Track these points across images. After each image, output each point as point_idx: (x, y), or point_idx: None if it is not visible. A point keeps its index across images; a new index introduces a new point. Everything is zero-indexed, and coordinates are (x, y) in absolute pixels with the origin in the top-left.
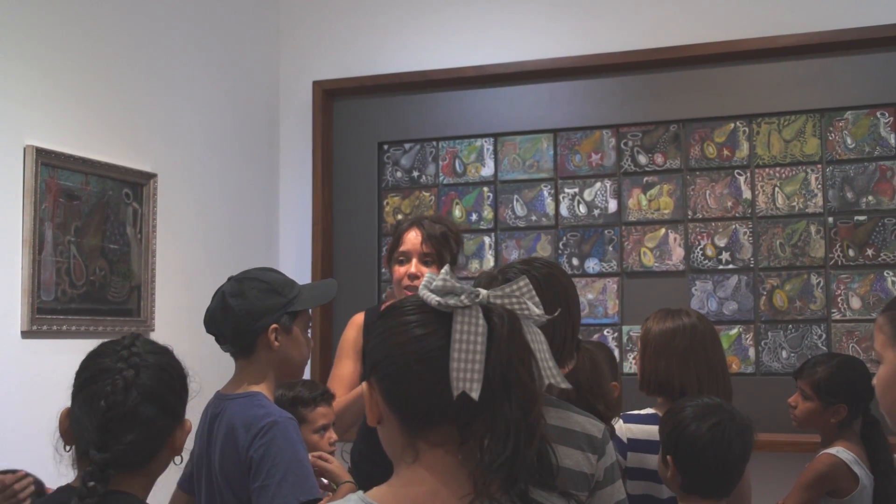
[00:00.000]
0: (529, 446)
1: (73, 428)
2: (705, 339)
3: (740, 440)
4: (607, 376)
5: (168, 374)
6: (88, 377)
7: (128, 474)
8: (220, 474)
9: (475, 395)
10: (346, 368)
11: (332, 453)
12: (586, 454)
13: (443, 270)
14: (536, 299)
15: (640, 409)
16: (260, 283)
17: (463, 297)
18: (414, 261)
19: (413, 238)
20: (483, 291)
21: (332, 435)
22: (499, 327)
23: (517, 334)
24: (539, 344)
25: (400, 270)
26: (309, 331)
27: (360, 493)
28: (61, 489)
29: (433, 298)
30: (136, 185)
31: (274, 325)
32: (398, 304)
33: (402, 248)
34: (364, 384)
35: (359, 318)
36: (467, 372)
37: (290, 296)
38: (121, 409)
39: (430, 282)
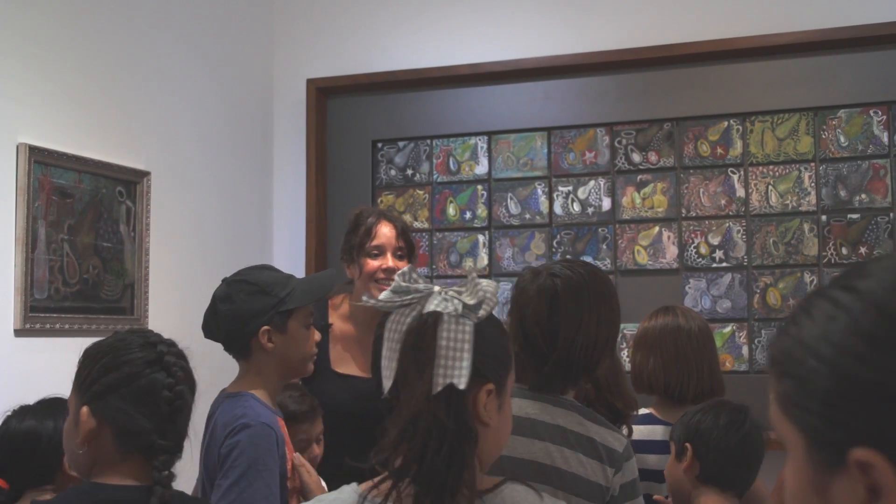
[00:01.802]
0: (410, 444)
1: (115, 423)
2: (691, 337)
3: (758, 433)
4: (625, 375)
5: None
6: (132, 372)
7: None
8: (204, 470)
9: (385, 390)
10: None
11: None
12: (604, 466)
13: (402, 269)
14: (482, 294)
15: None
16: (249, 285)
17: (408, 295)
18: (388, 255)
19: (387, 232)
20: (436, 288)
21: (314, 450)
22: (412, 325)
23: (424, 331)
24: (455, 342)
25: (373, 264)
26: (311, 325)
27: (354, 484)
28: (100, 487)
29: (384, 295)
30: (130, 183)
31: (265, 328)
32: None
33: (375, 242)
34: None
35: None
36: (386, 369)
37: (281, 295)
38: (184, 399)
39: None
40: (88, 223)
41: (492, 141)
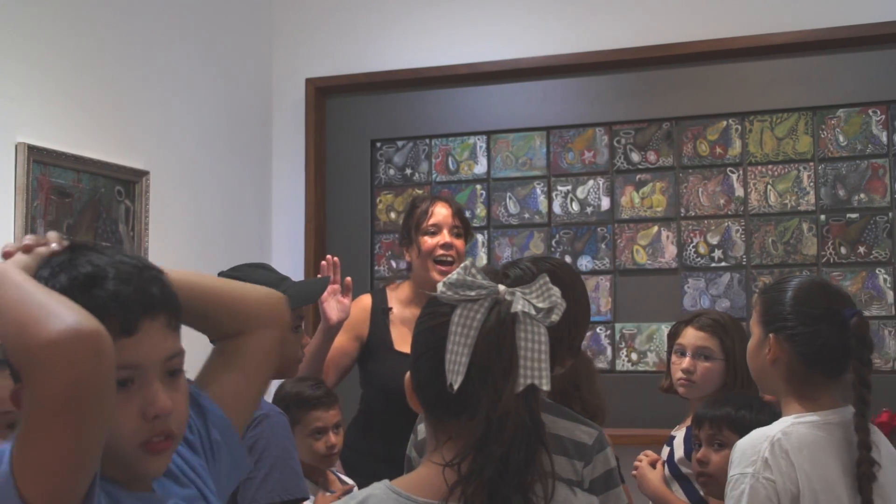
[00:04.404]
0: (495, 444)
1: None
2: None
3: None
4: (595, 378)
5: None
6: (493, 326)
7: None
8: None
9: (455, 386)
10: (337, 341)
11: (331, 457)
12: (571, 461)
13: (464, 263)
14: (555, 299)
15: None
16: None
17: (472, 291)
18: (445, 232)
19: (443, 211)
20: (501, 287)
21: (331, 439)
22: (488, 323)
23: (504, 331)
24: (534, 343)
25: (431, 242)
26: (301, 328)
27: (386, 481)
28: None
29: (440, 288)
30: (129, 182)
31: None
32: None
33: (432, 221)
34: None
35: (365, 300)
36: (454, 363)
37: None
38: None
39: (451, 274)
40: (87, 223)
41: (490, 140)
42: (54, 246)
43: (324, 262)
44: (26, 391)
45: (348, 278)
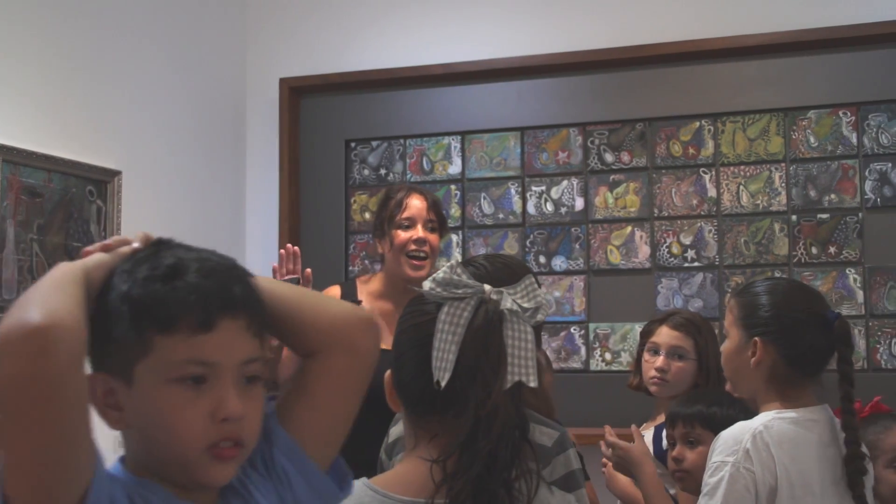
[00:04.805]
0: (483, 440)
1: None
2: None
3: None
4: (546, 375)
5: None
6: (481, 324)
7: None
8: None
9: (443, 383)
10: None
11: None
12: None
13: (450, 263)
14: (539, 299)
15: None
16: None
17: (459, 289)
18: (419, 226)
19: (418, 204)
20: (487, 287)
21: None
22: (475, 321)
23: (492, 328)
24: (521, 341)
25: (404, 236)
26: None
27: (365, 479)
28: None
29: (428, 285)
30: (100, 182)
31: None
32: (420, 293)
33: (406, 214)
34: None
35: (334, 292)
36: (441, 361)
37: None
38: None
39: (436, 273)
40: (58, 223)
41: (465, 141)
42: (136, 244)
43: (282, 251)
44: None
45: (308, 269)
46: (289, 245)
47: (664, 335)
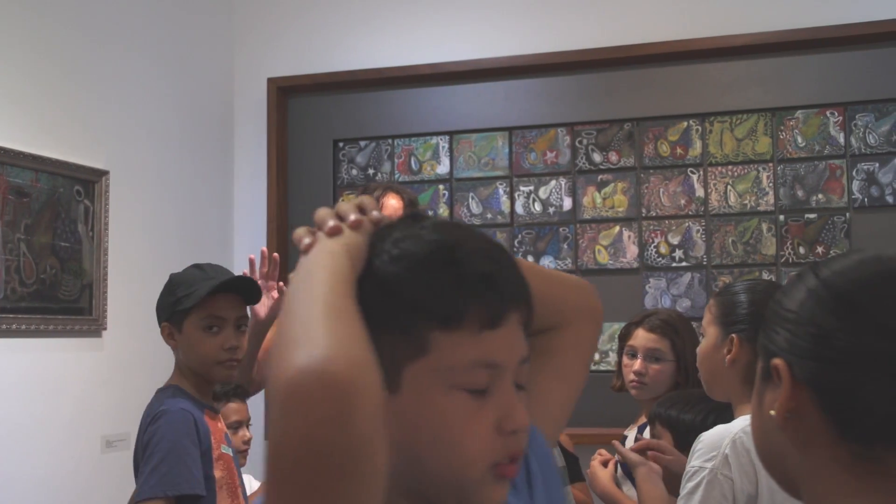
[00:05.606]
0: None
1: None
2: None
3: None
4: None
5: None
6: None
7: None
8: (134, 461)
9: None
10: (270, 337)
11: (245, 452)
12: None
13: None
14: None
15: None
16: (169, 282)
17: None
18: None
19: (394, 204)
20: None
21: (245, 433)
22: None
23: None
24: None
25: None
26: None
27: None
28: None
29: None
30: (88, 182)
31: (164, 324)
32: None
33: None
34: None
35: None
36: None
37: (179, 294)
38: None
39: None
40: (46, 223)
41: (453, 141)
42: (375, 214)
43: (252, 256)
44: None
45: (281, 283)
46: (263, 249)
47: (640, 338)
